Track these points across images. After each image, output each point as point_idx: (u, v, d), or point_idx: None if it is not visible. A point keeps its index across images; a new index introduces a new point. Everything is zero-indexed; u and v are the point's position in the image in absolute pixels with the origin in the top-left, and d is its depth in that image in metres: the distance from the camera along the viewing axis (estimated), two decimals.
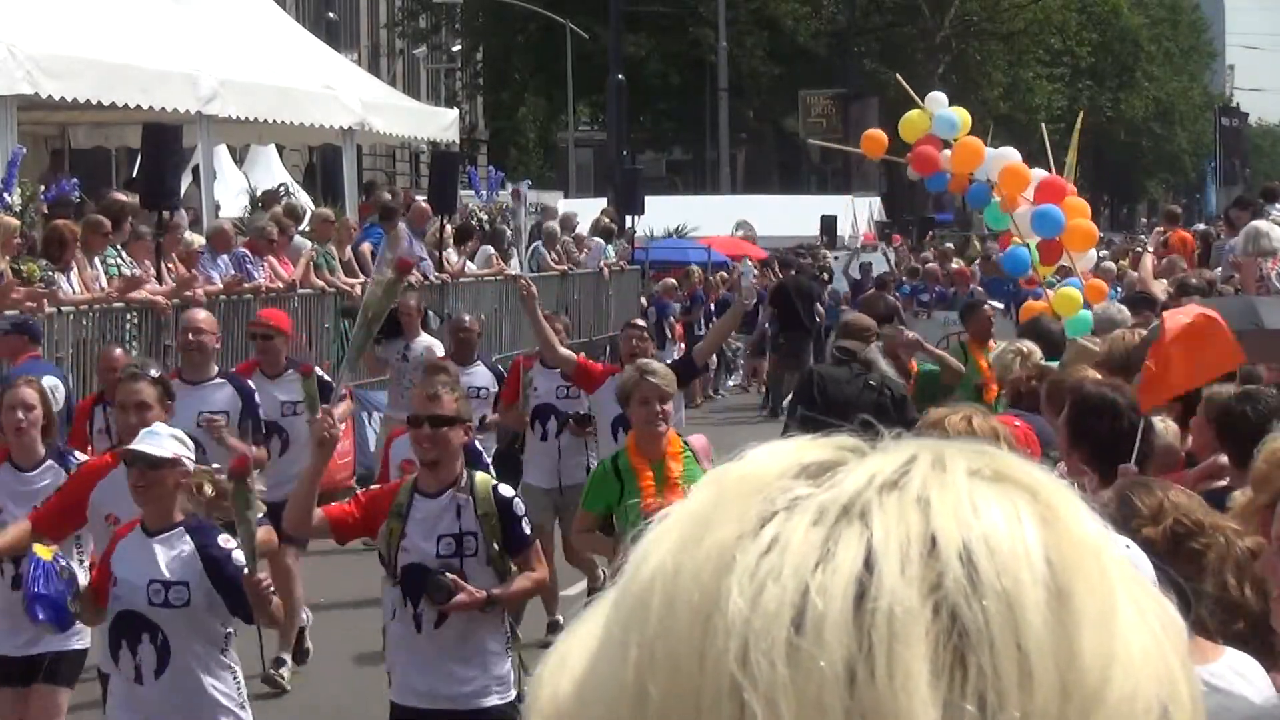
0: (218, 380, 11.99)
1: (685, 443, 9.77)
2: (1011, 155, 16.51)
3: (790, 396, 13.57)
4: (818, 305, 30.86)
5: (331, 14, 42.52)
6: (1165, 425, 7.86)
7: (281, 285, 19.85)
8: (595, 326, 29.58)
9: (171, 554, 7.71)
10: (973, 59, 71.59)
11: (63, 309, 15.97)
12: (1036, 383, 9.06)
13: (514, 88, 68.25)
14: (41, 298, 15.53)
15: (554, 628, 13.66)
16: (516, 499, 8.47)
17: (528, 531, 8.43)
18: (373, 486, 9.36)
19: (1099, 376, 7.82)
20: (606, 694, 1.02)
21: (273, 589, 7.97)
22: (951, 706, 0.96)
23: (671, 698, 0.99)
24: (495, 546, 8.20)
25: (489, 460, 11.86)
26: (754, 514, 1.02)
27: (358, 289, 21.13)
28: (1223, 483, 7.11)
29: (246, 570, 7.59)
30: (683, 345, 31.54)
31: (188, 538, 7.73)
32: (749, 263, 22.34)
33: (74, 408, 13.46)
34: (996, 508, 1.01)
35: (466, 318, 15.88)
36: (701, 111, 63.77)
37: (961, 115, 16.33)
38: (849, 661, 0.96)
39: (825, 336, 30.14)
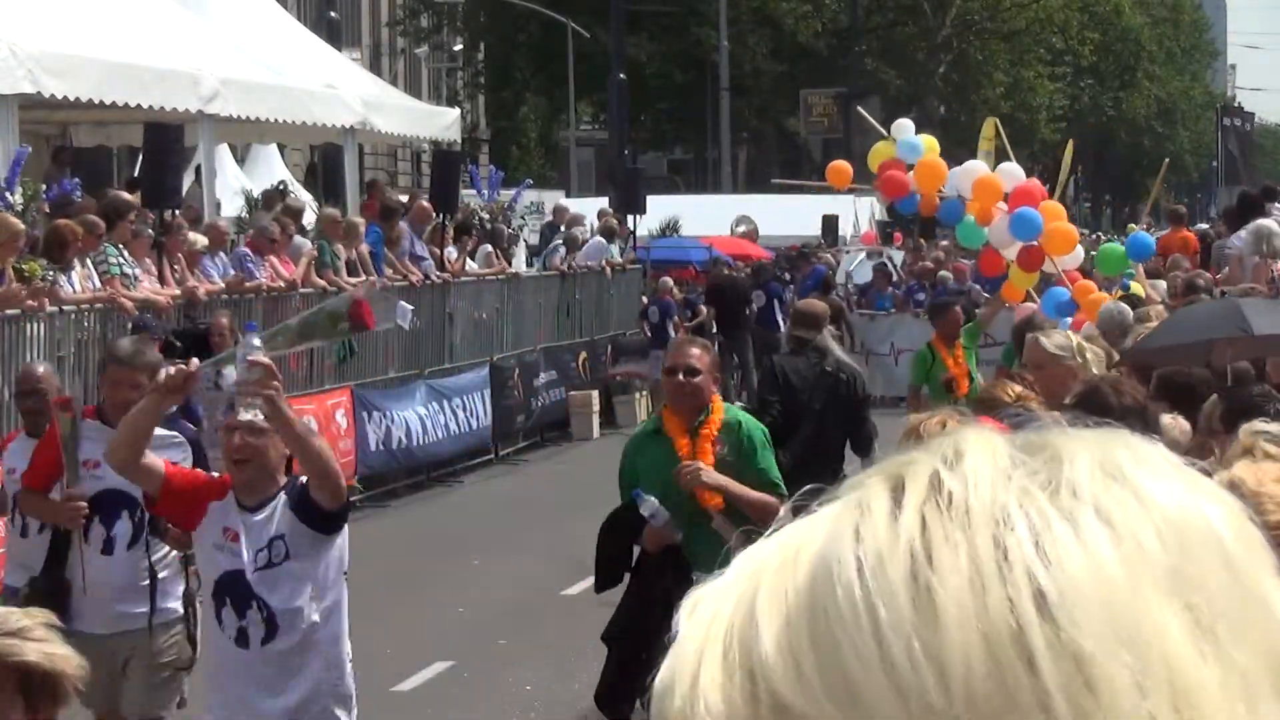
0: None
1: None
2: (979, 168, 16.63)
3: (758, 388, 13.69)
4: (751, 305, 31.21)
5: (333, 13, 42.52)
6: (1174, 421, 7.88)
7: (283, 285, 19.85)
8: (596, 326, 29.55)
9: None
10: (974, 58, 71.57)
11: (64, 308, 15.96)
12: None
13: (515, 87, 68.22)
14: (43, 296, 15.52)
15: None
16: None
17: None
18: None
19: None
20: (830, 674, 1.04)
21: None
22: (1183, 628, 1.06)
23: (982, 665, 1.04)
24: None
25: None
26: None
27: (360, 289, 21.13)
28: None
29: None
30: None
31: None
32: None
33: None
34: (1180, 489, 1.10)
35: (39, 369, 10.70)
36: (703, 111, 63.74)
37: (928, 141, 16.66)
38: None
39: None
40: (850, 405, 12.51)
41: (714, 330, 31.00)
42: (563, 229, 29.91)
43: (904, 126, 17.12)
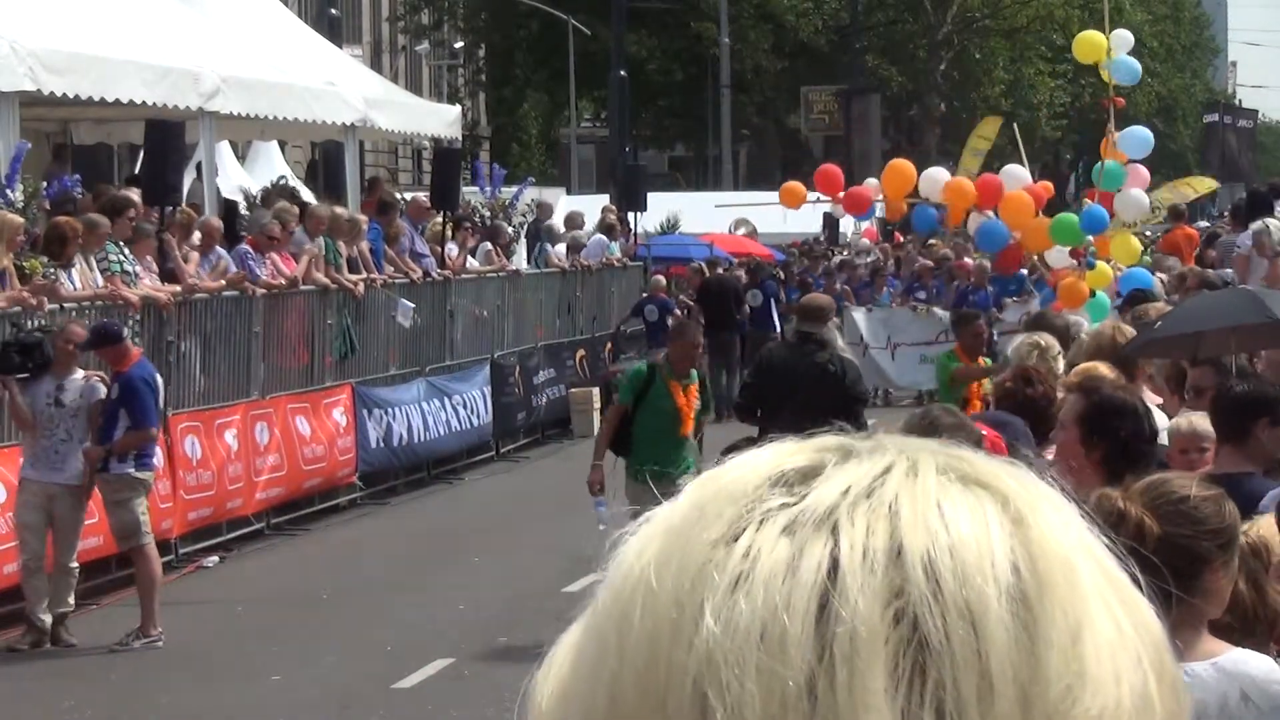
0: None
1: None
2: (941, 175, 16.73)
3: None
4: (745, 305, 31.20)
5: (334, 10, 42.49)
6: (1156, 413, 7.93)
7: (284, 282, 19.84)
8: (597, 324, 29.56)
9: None
10: (974, 55, 71.54)
11: (65, 305, 15.96)
12: (1013, 383, 8.69)
13: (516, 84, 68.22)
14: (43, 294, 15.53)
15: None
16: None
17: None
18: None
19: (1109, 374, 7.82)
20: (583, 702, 1.05)
21: None
22: (910, 715, 0.97)
23: (643, 710, 1.01)
24: None
25: None
26: (730, 525, 1.03)
27: (360, 286, 21.12)
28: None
29: None
30: None
31: None
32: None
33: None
34: (965, 516, 1.01)
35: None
36: (704, 108, 63.74)
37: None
38: (810, 675, 0.97)
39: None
40: (837, 397, 12.45)
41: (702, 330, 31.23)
42: (547, 223, 29.84)
43: None
